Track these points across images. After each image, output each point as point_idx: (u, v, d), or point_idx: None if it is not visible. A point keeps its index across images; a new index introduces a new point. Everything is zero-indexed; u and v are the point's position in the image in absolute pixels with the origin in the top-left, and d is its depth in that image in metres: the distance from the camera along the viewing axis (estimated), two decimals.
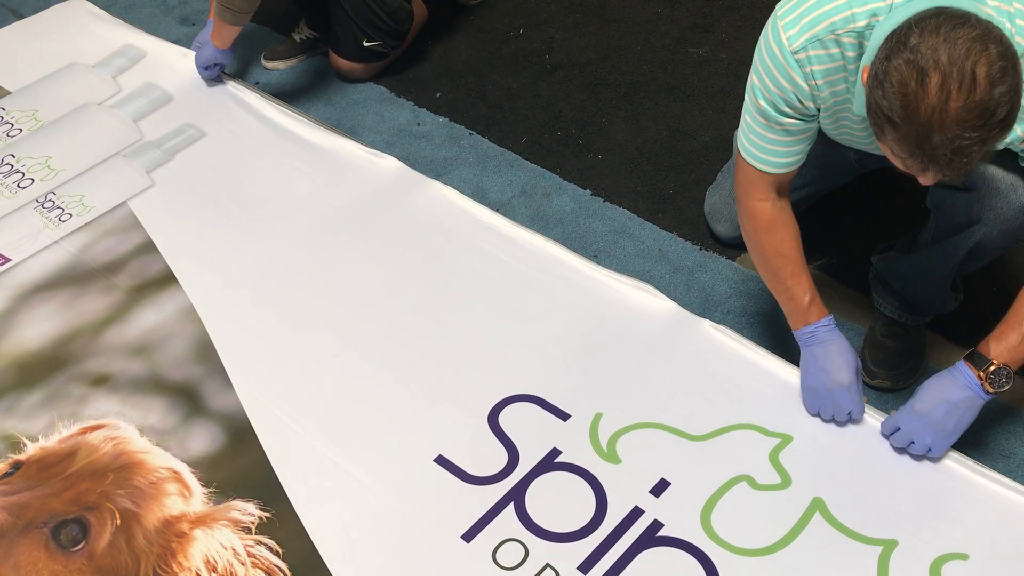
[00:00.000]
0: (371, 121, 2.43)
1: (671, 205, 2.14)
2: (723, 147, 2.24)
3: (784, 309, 1.63)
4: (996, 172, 1.50)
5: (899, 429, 1.56)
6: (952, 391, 1.50)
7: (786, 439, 1.63)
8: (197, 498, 1.63)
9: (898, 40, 1.21)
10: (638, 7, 2.70)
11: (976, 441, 1.64)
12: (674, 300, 1.87)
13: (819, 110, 1.48)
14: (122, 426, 1.73)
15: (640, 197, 2.16)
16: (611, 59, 2.54)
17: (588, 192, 2.19)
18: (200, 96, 2.45)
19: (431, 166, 2.27)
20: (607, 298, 1.89)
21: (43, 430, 1.74)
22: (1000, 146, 1.38)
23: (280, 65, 2.61)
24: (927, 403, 1.52)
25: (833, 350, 1.58)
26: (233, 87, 2.46)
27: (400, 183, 2.18)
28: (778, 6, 1.43)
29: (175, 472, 1.66)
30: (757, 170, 1.56)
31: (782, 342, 1.82)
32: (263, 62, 2.61)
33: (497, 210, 2.12)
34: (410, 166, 2.22)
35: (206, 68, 2.41)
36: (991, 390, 1.48)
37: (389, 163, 2.22)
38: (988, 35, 1.18)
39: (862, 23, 1.34)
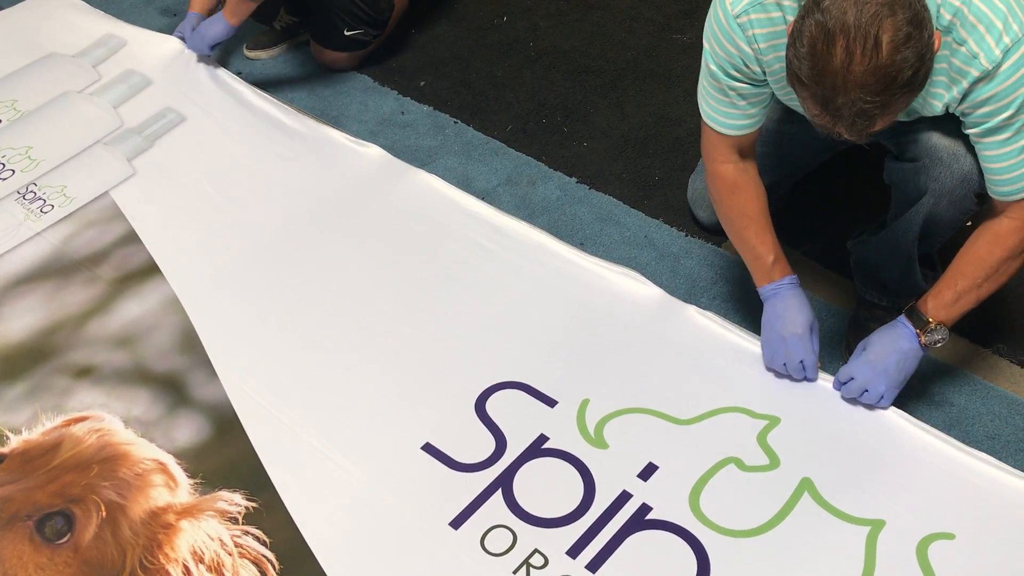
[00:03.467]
0: (355, 110, 2.41)
1: (657, 192, 2.14)
2: None
3: (749, 268, 1.67)
4: (940, 141, 1.52)
5: (853, 379, 1.59)
6: (901, 342, 1.56)
7: (774, 421, 1.63)
8: (183, 489, 1.62)
9: (814, 0, 1.24)
10: None
11: (962, 422, 1.65)
12: (660, 286, 1.87)
13: (767, 74, 1.50)
14: (106, 418, 1.72)
15: (626, 184, 2.16)
16: (595, 46, 2.53)
17: (574, 180, 2.18)
18: (180, 79, 2.42)
19: (416, 155, 2.26)
20: (593, 285, 1.89)
21: (26, 422, 1.72)
22: (929, 112, 1.43)
23: (263, 55, 2.59)
24: (880, 353, 1.57)
25: (792, 303, 1.63)
26: (214, 70, 2.43)
27: (385, 172, 2.17)
28: None
29: (161, 463, 1.65)
30: (717, 133, 1.59)
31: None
32: (245, 52, 2.59)
33: (483, 199, 2.11)
34: (395, 155, 2.21)
35: (212, 46, 2.39)
36: (925, 343, 1.55)
37: (373, 152, 2.21)
38: (898, 0, 1.20)
39: None
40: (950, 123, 1.48)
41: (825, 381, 1.67)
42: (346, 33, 2.43)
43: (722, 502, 1.54)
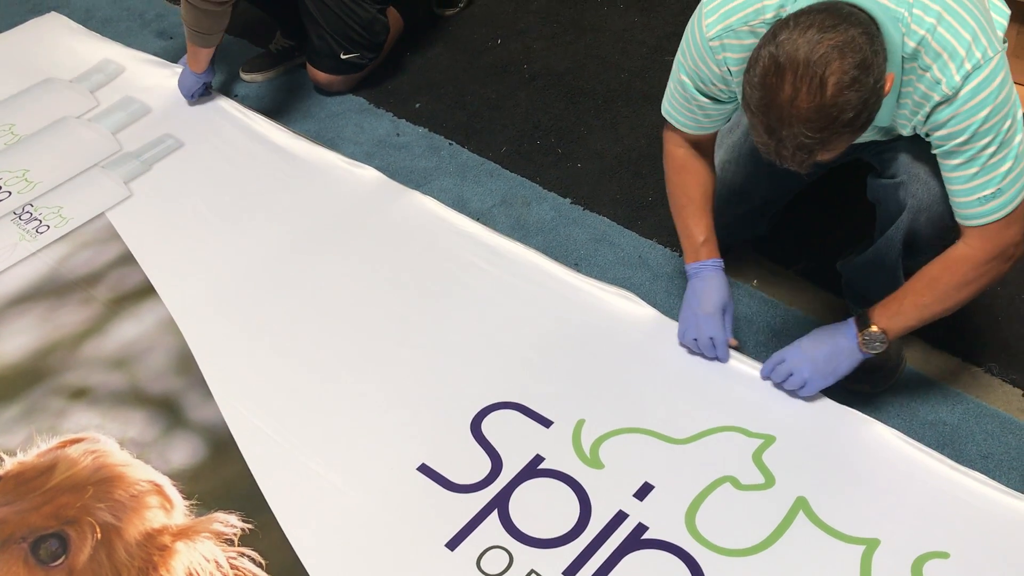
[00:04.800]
0: (351, 132, 2.43)
1: (650, 212, 2.15)
2: None
3: (682, 245, 1.76)
4: (918, 159, 1.55)
5: (783, 361, 1.64)
6: (839, 337, 1.60)
7: (769, 439, 1.64)
8: (179, 510, 1.62)
9: (773, 30, 1.30)
10: (614, 16, 2.72)
11: (955, 441, 1.66)
12: (654, 306, 1.88)
13: (736, 96, 1.54)
14: (102, 439, 1.72)
15: (619, 205, 2.17)
16: (589, 68, 2.56)
17: (568, 200, 2.20)
18: (179, 107, 2.45)
19: (411, 176, 2.28)
20: (588, 305, 1.89)
21: (21, 444, 1.72)
22: (882, 137, 1.50)
23: (258, 77, 2.61)
24: (814, 342, 1.62)
25: (711, 284, 1.71)
26: (211, 97, 2.46)
27: (380, 194, 2.18)
28: None
29: (156, 485, 1.65)
30: (670, 123, 1.67)
31: (762, 346, 1.83)
32: (241, 75, 2.61)
33: (478, 219, 2.13)
34: (390, 177, 2.23)
35: (191, 95, 2.42)
36: (864, 350, 1.58)
37: (369, 174, 2.22)
38: (851, 43, 1.25)
39: (770, 15, 1.41)
40: (927, 145, 1.50)
41: (819, 400, 1.68)
42: (342, 56, 2.45)
43: (718, 521, 1.54)
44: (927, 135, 1.45)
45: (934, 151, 1.46)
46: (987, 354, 1.80)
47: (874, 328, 1.56)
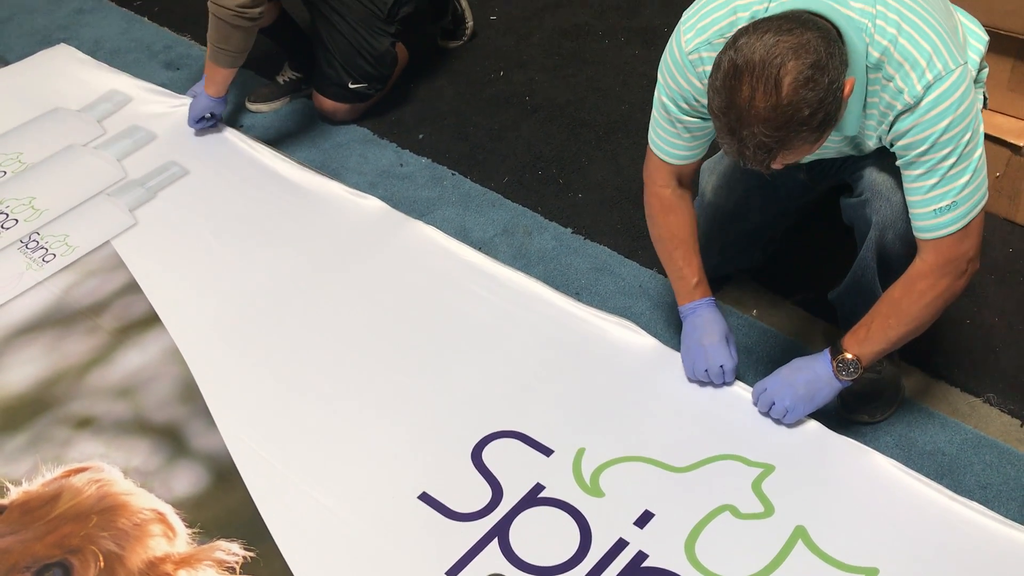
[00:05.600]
0: (354, 162, 2.46)
1: (650, 243, 2.15)
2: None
3: (673, 287, 1.79)
4: (880, 175, 1.58)
5: (765, 390, 1.68)
6: (816, 366, 1.63)
7: (768, 468, 1.65)
8: (181, 539, 1.62)
9: (734, 36, 1.34)
10: (615, 50, 2.76)
11: (954, 471, 1.67)
12: (654, 336, 1.89)
13: None
14: (106, 468, 1.73)
15: (620, 235, 2.19)
16: (590, 100, 2.59)
17: (569, 230, 2.22)
18: (184, 135, 2.48)
19: (414, 206, 2.30)
20: (589, 335, 1.91)
21: (26, 474, 1.73)
22: (867, 147, 1.52)
23: (264, 108, 2.64)
24: (794, 370, 1.66)
25: (709, 318, 1.74)
26: (218, 128, 2.49)
27: (384, 223, 2.20)
28: (684, 12, 1.55)
29: (159, 513, 1.66)
30: (660, 159, 1.69)
31: (762, 375, 1.84)
32: (247, 104, 2.64)
33: (480, 249, 2.15)
34: (393, 206, 2.25)
35: (198, 120, 2.44)
36: (840, 377, 1.61)
37: (372, 203, 2.25)
38: (807, 45, 1.30)
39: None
40: (890, 159, 1.53)
41: (818, 429, 1.69)
42: (350, 86, 2.48)
43: (717, 549, 1.54)
44: (891, 144, 1.48)
45: (897, 162, 1.49)
46: (985, 384, 1.81)
47: (847, 355, 1.59)
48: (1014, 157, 2.02)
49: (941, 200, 1.44)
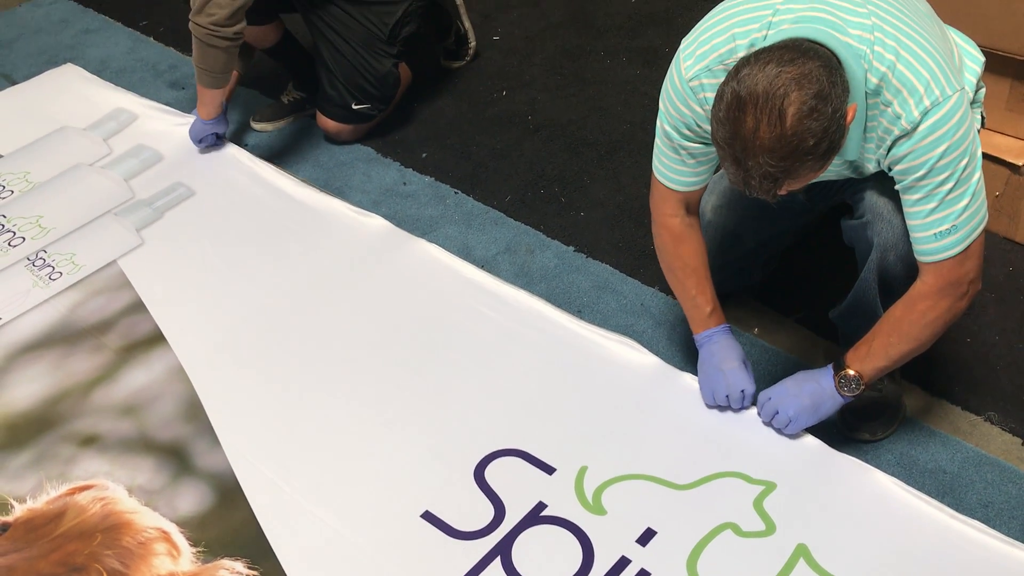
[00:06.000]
0: (358, 181, 2.47)
1: (652, 261, 2.16)
2: None
3: (687, 315, 1.79)
4: (881, 197, 1.60)
5: (770, 399, 1.69)
6: (820, 378, 1.65)
7: (770, 486, 1.65)
8: (186, 557, 1.63)
9: (736, 67, 1.36)
10: (617, 70, 2.78)
11: (955, 489, 1.67)
12: (656, 354, 1.90)
13: None
14: (111, 486, 1.74)
15: (622, 253, 2.21)
16: (592, 120, 2.61)
17: (571, 248, 2.23)
18: (191, 155, 2.50)
19: (417, 224, 2.32)
20: (591, 353, 1.92)
21: (31, 491, 1.74)
22: (866, 171, 1.53)
23: (268, 127, 2.66)
24: (798, 381, 1.68)
25: (725, 344, 1.75)
26: (223, 146, 2.51)
27: (387, 241, 2.22)
28: (683, 39, 1.56)
29: (163, 532, 1.66)
30: (665, 187, 1.69)
31: None
32: (252, 124, 2.66)
33: (482, 267, 2.16)
34: (397, 225, 2.27)
35: (199, 141, 2.47)
36: (842, 393, 1.63)
37: (376, 222, 2.26)
38: (809, 75, 1.31)
39: (742, 53, 1.46)
40: (890, 182, 1.54)
41: (819, 447, 1.70)
42: (354, 107, 2.50)
43: (719, 567, 1.55)
44: (889, 169, 1.49)
45: (896, 186, 1.50)
46: (986, 403, 1.81)
47: (849, 371, 1.60)
48: (1013, 176, 2.04)
49: (941, 224, 1.46)
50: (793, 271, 2.07)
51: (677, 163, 1.66)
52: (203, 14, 2.19)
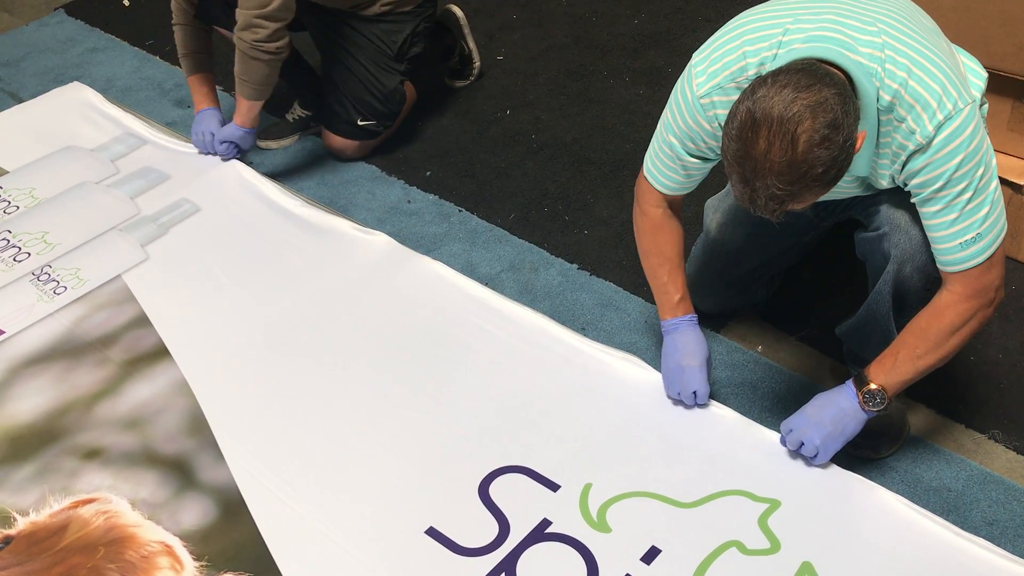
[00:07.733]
0: (363, 199, 2.48)
1: None
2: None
3: (657, 301, 1.83)
4: (897, 211, 1.61)
5: (792, 431, 1.67)
6: (840, 399, 1.63)
7: (775, 504, 1.65)
8: (189, 571, 1.62)
9: (753, 86, 1.37)
10: (620, 89, 2.80)
11: (960, 507, 1.67)
12: (660, 371, 1.90)
13: None
14: (114, 500, 1.73)
15: (625, 271, 2.21)
16: (595, 138, 2.62)
17: (575, 266, 2.24)
18: (196, 172, 2.51)
19: (421, 242, 2.33)
20: (595, 370, 1.92)
21: (34, 504, 1.74)
22: (880, 186, 1.55)
23: (274, 145, 2.68)
24: (818, 407, 1.65)
25: (690, 338, 1.78)
26: (229, 164, 2.52)
27: (391, 259, 2.23)
28: (695, 54, 1.58)
29: (167, 546, 1.66)
30: (652, 186, 1.73)
31: (767, 411, 1.85)
32: (257, 142, 2.67)
33: (486, 284, 2.17)
34: (401, 242, 2.28)
35: (222, 142, 2.49)
36: (866, 408, 1.60)
37: (380, 239, 2.27)
38: (824, 104, 1.32)
39: (752, 71, 1.48)
40: (906, 195, 1.55)
41: (824, 465, 1.69)
42: (359, 123, 2.52)
43: None
44: (905, 184, 1.50)
45: (913, 200, 1.51)
46: (990, 421, 1.81)
47: (872, 385, 1.59)
48: (1015, 196, 2.05)
49: (966, 233, 1.47)
50: (797, 289, 2.08)
51: (670, 171, 1.69)
52: (249, 30, 2.26)
